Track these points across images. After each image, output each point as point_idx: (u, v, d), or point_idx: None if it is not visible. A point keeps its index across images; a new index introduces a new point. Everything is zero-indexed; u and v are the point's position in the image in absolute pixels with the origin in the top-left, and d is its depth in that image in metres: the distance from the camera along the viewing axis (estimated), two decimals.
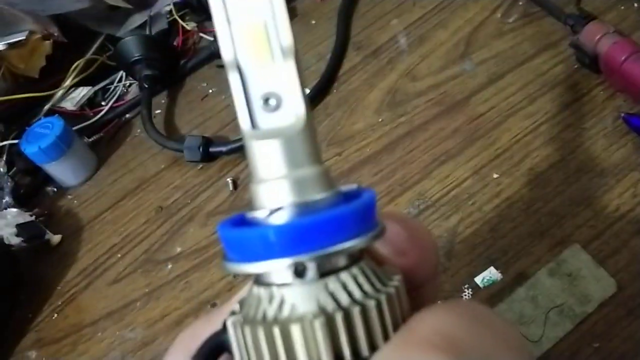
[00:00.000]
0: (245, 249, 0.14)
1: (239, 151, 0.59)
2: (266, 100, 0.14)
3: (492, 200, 0.46)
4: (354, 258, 0.14)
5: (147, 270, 0.53)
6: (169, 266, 0.53)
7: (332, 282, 0.14)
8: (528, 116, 0.51)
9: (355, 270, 0.14)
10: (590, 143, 0.47)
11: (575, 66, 0.52)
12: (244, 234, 0.14)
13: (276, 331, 0.13)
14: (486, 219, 0.45)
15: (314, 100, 0.61)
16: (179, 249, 0.54)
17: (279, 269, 0.14)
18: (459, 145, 0.51)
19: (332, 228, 0.13)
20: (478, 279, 0.42)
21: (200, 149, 0.59)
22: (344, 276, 0.14)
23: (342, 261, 0.14)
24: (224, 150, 0.59)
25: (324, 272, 0.14)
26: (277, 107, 0.14)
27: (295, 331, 0.13)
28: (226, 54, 0.14)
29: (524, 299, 0.40)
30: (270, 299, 0.14)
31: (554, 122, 0.49)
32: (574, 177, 0.45)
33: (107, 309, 0.52)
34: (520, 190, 0.46)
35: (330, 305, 0.13)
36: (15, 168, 0.68)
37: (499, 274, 0.42)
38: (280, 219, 0.14)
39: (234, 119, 0.65)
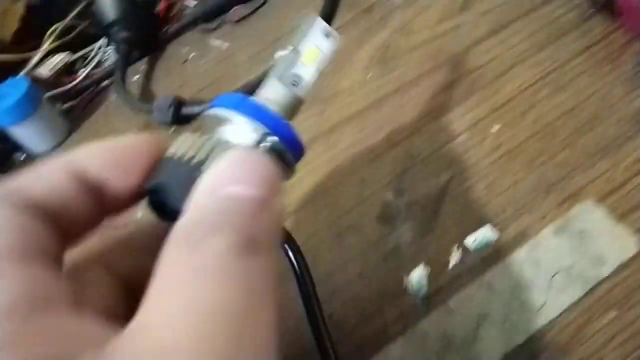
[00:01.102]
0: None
1: None
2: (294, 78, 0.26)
3: (490, 154, 0.40)
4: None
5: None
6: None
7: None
8: (535, 65, 0.44)
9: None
10: (606, 91, 0.40)
11: (590, 11, 0.45)
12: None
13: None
14: (482, 174, 0.39)
15: None
16: (140, 214, 0.48)
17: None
18: (456, 98, 0.45)
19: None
20: (469, 240, 0.35)
21: (171, 110, 0.53)
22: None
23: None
24: (196, 111, 0.53)
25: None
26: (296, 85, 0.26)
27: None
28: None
29: (524, 261, 0.33)
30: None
31: (565, 70, 0.43)
32: (587, 127, 0.39)
33: None
34: (524, 143, 0.39)
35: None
36: None
37: (495, 234, 0.35)
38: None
39: (212, 82, 0.60)
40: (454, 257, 0.35)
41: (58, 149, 0.61)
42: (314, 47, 0.28)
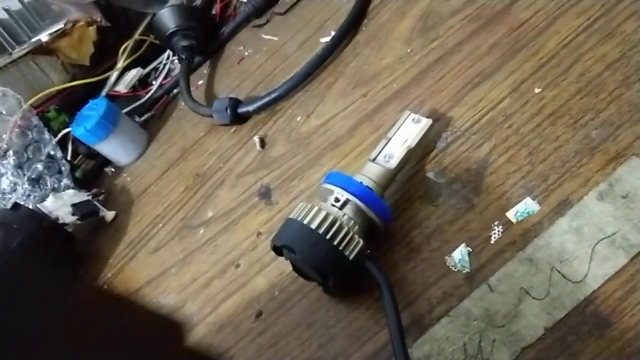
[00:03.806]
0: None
1: (267, 108, 0.56)
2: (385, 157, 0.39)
3: (532, 119, 0.38)
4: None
5: (182, 236, 0.53)
6: (201, 231, 0.52)
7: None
8: (580, 13, 0.41)
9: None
10: None
11: None
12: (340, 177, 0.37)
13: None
14: (524, 142, 0.37)
15: (340, 42, 0.55)
16: (210, 214, 0.52)
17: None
18: (497, 61, 0.43)
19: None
20: (511, 213, 0.35)
21: (228, 111, 0.56)
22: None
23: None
24: (250, 110, 0.56)
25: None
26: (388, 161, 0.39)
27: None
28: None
29: (566, 231, 0.32)
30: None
31: (612, 15, 0.39)
32: (635, 76, 0.36)
33: (147, 277, 0.52)
34: (568, 103, 0.37)
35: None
36: (80, 155, 0.71)
37: (537, 205, 0.34)
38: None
39: (267, 76, 0.63)
40: (495, 233, 0.34)
41: (140, 158, 0.67)
42: (404, 133, 0.40)
